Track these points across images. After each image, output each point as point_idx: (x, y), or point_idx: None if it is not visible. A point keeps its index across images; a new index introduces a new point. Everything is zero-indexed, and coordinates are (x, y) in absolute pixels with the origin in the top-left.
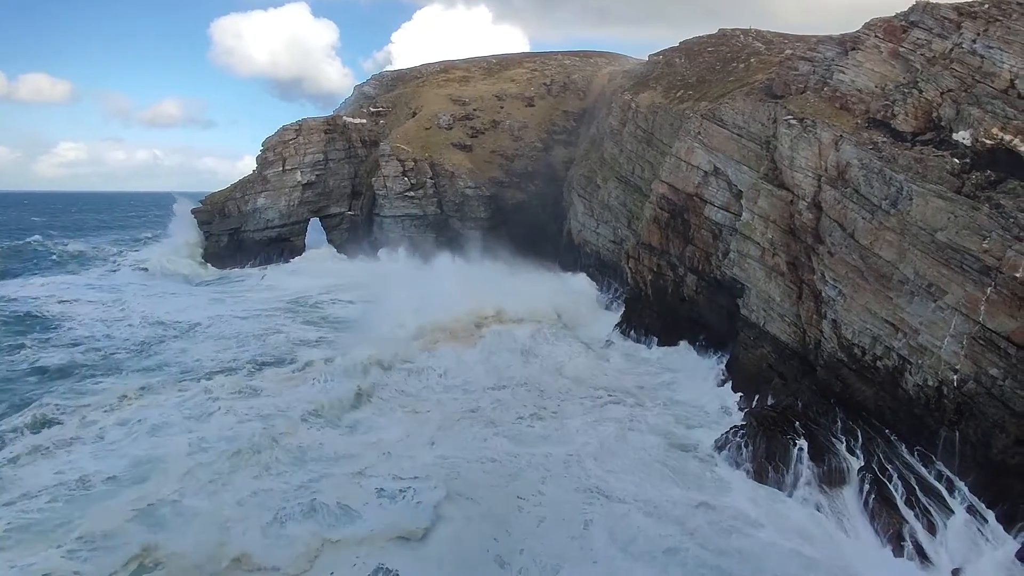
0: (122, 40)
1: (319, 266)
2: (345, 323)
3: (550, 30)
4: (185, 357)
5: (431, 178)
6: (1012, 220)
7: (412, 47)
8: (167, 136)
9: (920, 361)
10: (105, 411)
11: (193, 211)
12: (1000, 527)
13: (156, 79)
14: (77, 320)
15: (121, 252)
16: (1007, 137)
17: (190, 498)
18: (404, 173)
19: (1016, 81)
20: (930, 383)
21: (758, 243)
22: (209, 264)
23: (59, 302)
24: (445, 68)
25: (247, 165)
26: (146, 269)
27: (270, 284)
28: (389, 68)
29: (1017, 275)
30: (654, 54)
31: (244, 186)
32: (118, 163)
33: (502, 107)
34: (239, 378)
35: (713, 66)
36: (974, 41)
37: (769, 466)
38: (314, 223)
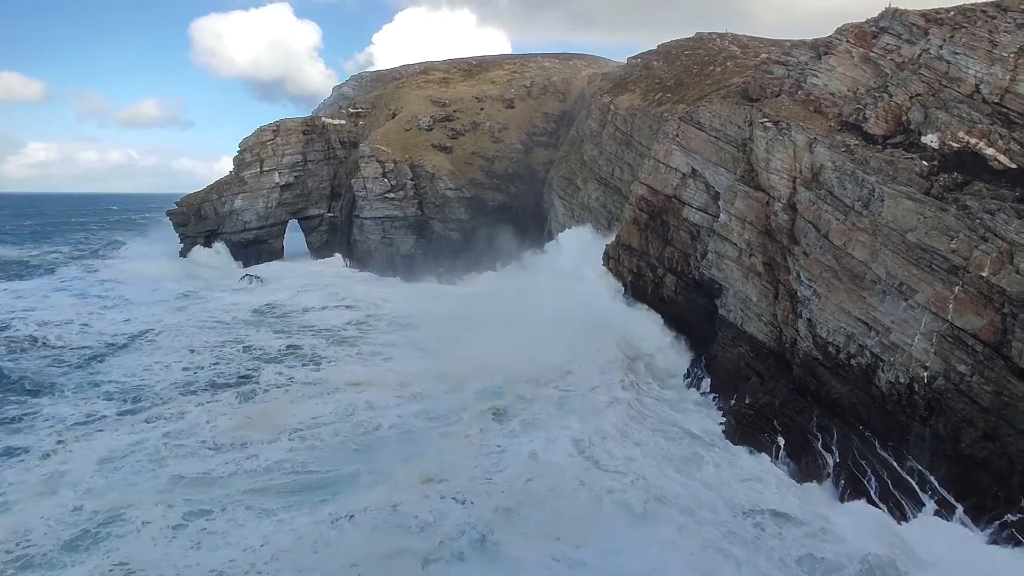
0: (99, 39)
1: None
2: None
3: (534, 34)
4: (133, 378)
5: (411, 179)
6: (978, 221)
7: (394, 48)
8: (144, 137)
9: (892, 359)
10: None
11: (168, 213)
12: (968, 519)
13: (134, 79)
14: (22, 327)
15: (88, 256)
16: (972, 140)
17: None
18: (384, 174)
19: (981, 86)
20: (902, 380)
21: (735, 244)
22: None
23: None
24: (425, 69)
25: (224, 166)
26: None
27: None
28: (370, 69)
29: (983, 274)
30: (632, 57)
31: (221, 187)
32: (90, 164)
33: (482, 109)
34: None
35: (690, 69)
36: (941, 47)
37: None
38: (293, 225)
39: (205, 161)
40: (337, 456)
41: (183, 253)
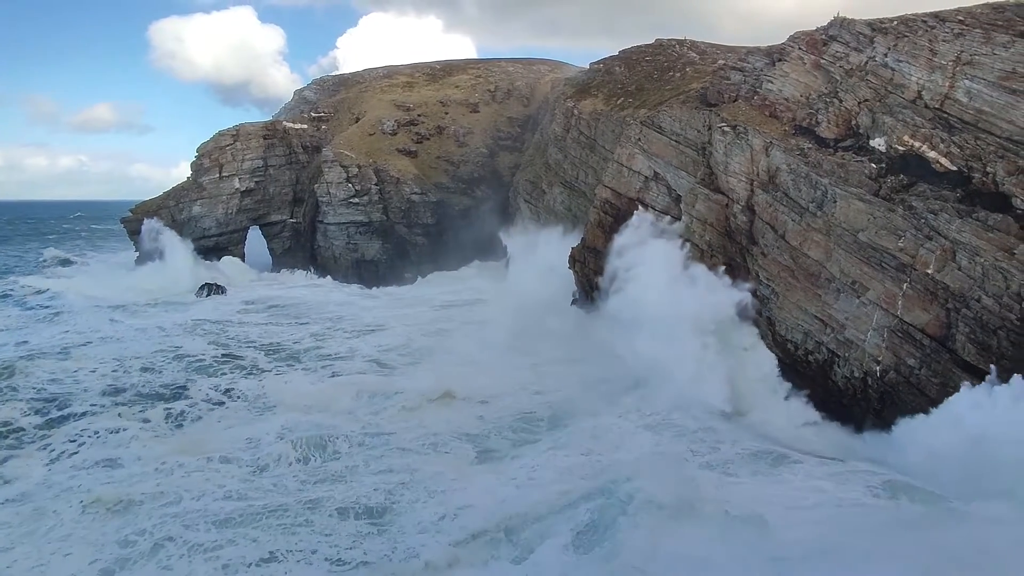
0: (51, 41)
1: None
2: None
3: (501, 40)
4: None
5: (376, 184)
6: (923, 220)
7: (358, 52)
8: (99, 142)
9: (847, 354)
10: None
11: (122, 220)
12: None
13: (88, 83)
14: None
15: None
16: (916, 144)
17: None
18: (348, 179)
19: (923, 92)
20: (856, 374)
21: (697, 245)
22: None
23: None
24: (389, 73)
25: (182, 172)
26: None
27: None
28: (333, 73)
29: (929, 271)
30: (595, 62)
31: (178, 194)
32: (39, 170)
33: (447, 113)
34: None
35: (651, 75)
36: (886, 55)
37: None
38: (254, 231)
39: (162, 167)
40: (281, 486)
41: (138, 262)
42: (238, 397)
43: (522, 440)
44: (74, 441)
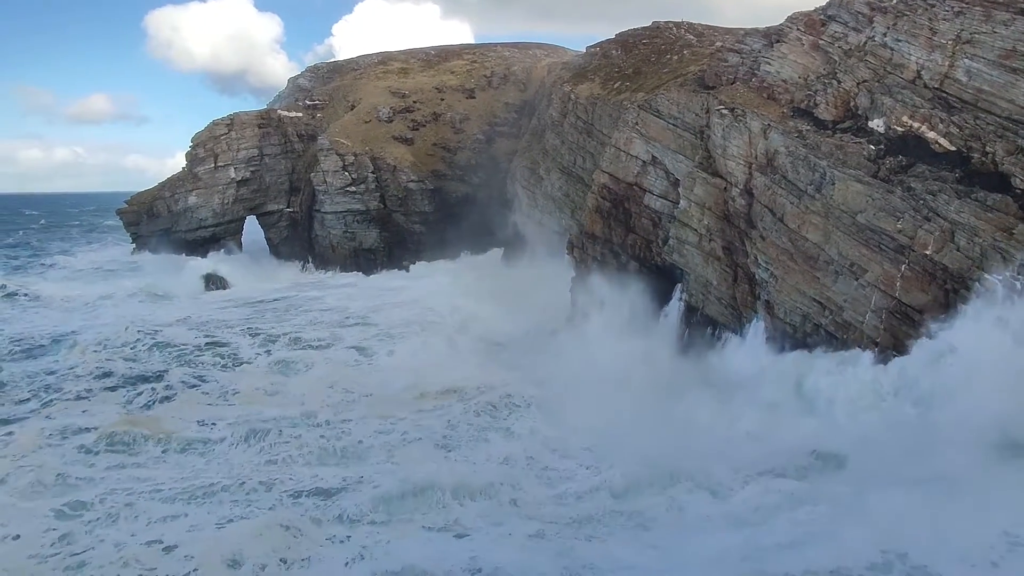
0: (46, 33)
1: None
2: None
3: (499, 26)
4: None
5: (372, 172)
6: (922, 202)
7: (355, 39)
8: (95, 133)
9: (845, 336)
10: None
11: (118, 212)
12: None
13: (84, 73)
14: None
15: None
16: (915, 124)
17: None
18: (344, 167)
19: (922, 72)
20: None
21: (695, 229)
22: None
23: None
24: (383, 60)
25: (178, 163)
26: None
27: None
28: (328, 60)
29: (927, 252)
30: (591, 46)
31: (173, 184)
32: (34, 162)
33: (443, 99)
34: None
35: (648, 58)
36: (885, 35)
37: None
38: (251, 222)
39: (158, 158)
40: (234, 467)
41: (134, 253)
42: (211, 380)
43: (486, 425)
44: (45, 411)
